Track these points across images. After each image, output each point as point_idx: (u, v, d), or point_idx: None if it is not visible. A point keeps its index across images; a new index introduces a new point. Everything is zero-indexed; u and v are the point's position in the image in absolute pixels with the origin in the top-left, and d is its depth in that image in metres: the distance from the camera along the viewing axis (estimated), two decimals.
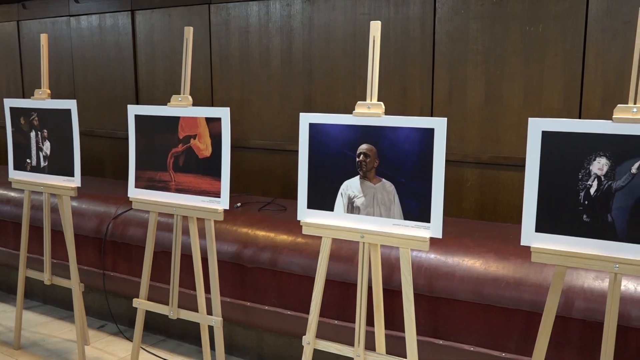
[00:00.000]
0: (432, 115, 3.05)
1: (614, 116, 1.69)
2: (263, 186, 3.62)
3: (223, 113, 2.35)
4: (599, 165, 1.72)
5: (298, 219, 2.16)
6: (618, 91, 2.66)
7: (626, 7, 2.62)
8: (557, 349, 2.07)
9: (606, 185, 1.71)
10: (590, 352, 2.03)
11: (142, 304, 2.60)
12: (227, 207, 2.36)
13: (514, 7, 2.84)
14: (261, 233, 2.68)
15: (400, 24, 3.10)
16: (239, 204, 3.08)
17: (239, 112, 3.64)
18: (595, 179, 1.72)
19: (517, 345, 2.14)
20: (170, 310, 2.56)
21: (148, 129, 2.54)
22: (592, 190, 1.73)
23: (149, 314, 2.78)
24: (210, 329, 2.53)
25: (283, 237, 2.61)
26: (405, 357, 1.98)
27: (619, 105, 1.70)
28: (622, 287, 1.99)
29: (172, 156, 2.49)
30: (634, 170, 1.67)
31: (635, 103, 1.68)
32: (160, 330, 3.16)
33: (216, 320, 2.44)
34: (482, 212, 3.00)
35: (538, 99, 2.84)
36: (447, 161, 1.96)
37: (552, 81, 2.81)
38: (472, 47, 2.95)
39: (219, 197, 2.36)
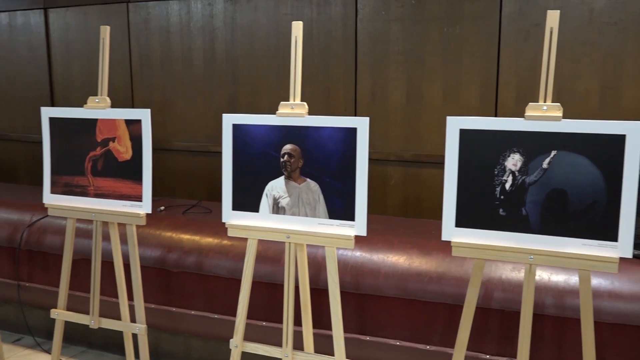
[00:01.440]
0: (355, 115, 3.09)
1: (525, 114, 1.77)
2: (188, 189, 3.56)
3: (143, 115, 2.28)
4: (513, 161, 1.79)
5: (223, 220, 2.13)
6: (530, 90, 2.79)
7: (536, 9, 2.75)
8: (478, 339, 2.14)
9: (520, 180, 1.78)
10: (509, 340, 2.11)
11: (60, 315, 2.50)
12: (150, 211, 2.30)
13: (432, 9, 2.92)
14: (186, 236, 2.63)
15: (323, 24, 3.12)
16: (162, 208, 3.01)
17: (161, 113, 3.56)
18: (510, 175, 1.79)
19: (441, 337, 2.20)
20: (91, 320, 2.47)
21: (64, 132, 2.44)
22: (508, 185, 1.80)
23: (68, 325, 2.67)
24: (135, 336, 2.46)
25: (208, 240, 2.57)
26: (333, 355, 1.99)
27: (530, 103, 1.77)
28: (537, 277, 2.08)
29: (90, 160, 2.40)
30: (545, 165, 1.75)
31: (545, 101, 1.76)
32: (81, 341, 3.04)
33: (140, 327, 2.38)
34: (406, 209, 3.07)
35: (456, 97, 2.93)
36: (371, 160, 2.00)
37: (469, 80, 2.90)
38: (393, 48, 3.01)
39: (141, 201, 2.30)
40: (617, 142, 1.67)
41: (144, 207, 2.30)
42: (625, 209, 1.68)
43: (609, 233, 1.71)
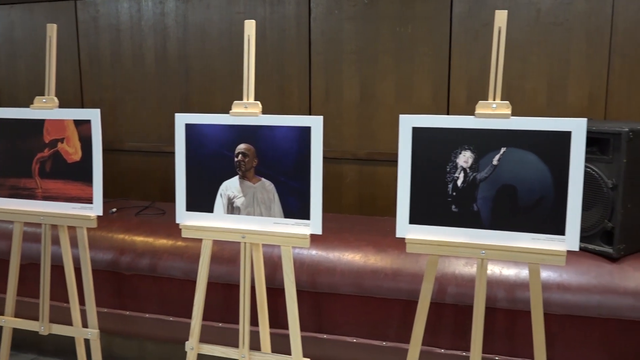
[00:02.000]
0: (310, 114, 3.10)
1: (476, 112, 1.80)
2: (141, 190, 3.50)
3: (93, 115, 2.23)
4: (465, 158, 1.82)
5: (177, 222, 2.11)
6: (481, 88, 2.85)
7: (485, 9, 2.81)
8: (433, 333, 2.18)
9: (471, 177, 1.82)
10: (463, 334, 2.15)
11: (8, 322, 2.42)
12: (101, 214, 2.25)
13: (385, 8, 2.95)
14: (139, 238, 2.58)
15: (277, 23, 3.11)
16: (114, 210, 2.95)
17: (112, 113, 3.48)
18: (462, 171, 1.83)
19: (397, 333, 2.23)
20: (41, 326, 2.39)
21: (9, 133, 2.36)
22: (459, 182, 1.83)
23: (17, 332, 2.58)
24: (87, 342, 2.40)
25: (162, 242, 2.53)
26: (290, 354, 1.99)
27: (480, 101, 1.81)
28: (489, 272, 2.12)
29: (37, 162, 2.33)
30: (495, 162, 1.79)
31: (494, 99, 1.80)
32: (30, 348, 2.94)
33: (92, 332, 2.32)
34: (361, 207, 3.09)
35: (409, 96, 2.97)
36: (326, 158, 2.00)
37: (421, 79, 2.94)
38: (347, 47, 3.03)
39: (92, 203, 2.24)
40: (563, 139, 1.72)
41: (95, 209, 2.25)
42: (572, 203, 1.73)
43: (557, 227, 1.76)
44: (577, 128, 1.71)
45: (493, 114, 1.78)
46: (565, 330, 2.09)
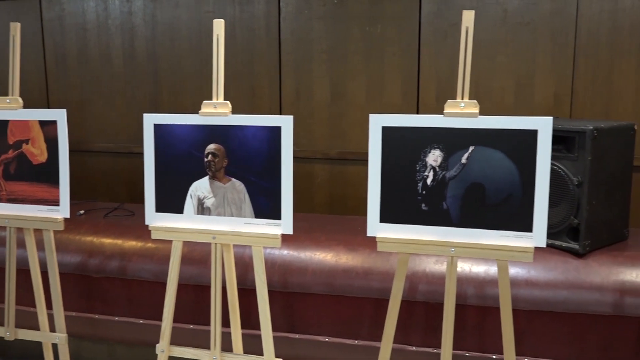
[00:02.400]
0: (280, 114, 3.09)
1: (444, 111, 1.82)
2: (109, 191, 3.45)
3: (59, 115, 2.19)
4: (434, 157, 1.84)
5: (146, 223, 2.08)
6: (450, 87, 2.87)
7: (453, 9, 2.84)
8: (405, 331, 2.19)
9: (441, 176, 1.83)
10: (434, 331, 2.17)
11: None
12: (68, 216, 2.21)
13: (354, 8, 2.96)
14: (108, 240, 2.55)
15: (246, 22, 3.09)
16: (81, 212, 2.90)
17: (79, 114, 3.42)
18: (431, 170, 1.84)
19: (369, 331, 2.24)
20: (7, 331, 2.34)
21: None
22: (429, 181, 1.85)
23: None
24: (55, 346, 2.36)
25: (132, 244, 2.50)
26: (263, 355, 1.98)
27: (448, 100, 1.82)
28: (459, 269, 2.15)
29: (1, 163, 2.28)
30: (463, 160, 1.81)
31: (462, 98, 1.82)
32: None
33: (60, 337, 2.28)
34: (332, 206, 3.10)
35: (379, 95, 2.98)
36: (297, 158, 2.00)
37: (391, 78, 2.96)
38: (317, 46, 3.03)
39: (58, 205, 2.21)
40: (530, 137, 1.75)
41: (62, 211, 2.21)
42: (539, 200, 1.76)
43: (525, 224, 1.78)
44: (543, 126, 1.74)
45: (461, 113, 1.80)
46: (533, 326, 2.13)
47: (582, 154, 2.15)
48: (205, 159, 2.01)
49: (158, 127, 2.05)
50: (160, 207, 2.07)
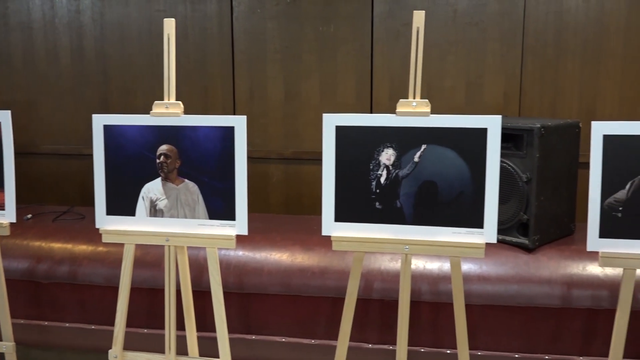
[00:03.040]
0: (234, 114, 3.07)
1: (397, 110, 1.84)
2: (59, 195, 3.36)
3: (3, 117, 2.12)
4: (387, 156, 1.85)
5: (97, 226, 2.03)
6: (403, 86, 2.91)
7: (405, 10, 2.87)
8: (361, 329, 2.21)
9: (394, 174, 1.85)
10: (389, 328, 2.19)
11: None
12: (14, 220, 2.14)
13: (307, 8, 2.96)
14: (57, 245, 2.48)
15: (198, 21, 3.06)
16: (29, 216, 2.82)
17: (26, 115, 3.32)
18: (385, 169, 1.86)
19: (325, 330, 2.24)
20: None
21: None
22: (383, 179, 1.86)
23: None
24: (2, 356, 2.28)
25: (82, 248, 2.44)
26: (219, 357, 1.96)
27: (400, 100, 1.84)
28: (413, 266, 2.17)
29: None
30: (416, 159, 1.83)
31: (414, 98, 1.84)
32: None
33: (7, 345, 2.21)
34: (288, 206, 3.09)
35: (333, 95, 3.00)
36: (251, 158, 1.99)
37: (345, 78, 2.98)
38: (270, 46, 3.02)
39: (4, 209, 2.13)
40: (480, 135, 1.78)
41: (7, 216, 2.14)
42: (489, 197, 1.79)
43: (476, 221, 1.82)
44: (492, 125, 1.77)
45: (413, 112, 1.82)
46: (486, 320, 2.17)
47: (531, 152, 2.21)
48: (158, 160, 1.98)
49: (108, 128, 2.00)
50: (112, 210, 2.03)
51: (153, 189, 1.99)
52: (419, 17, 1.82)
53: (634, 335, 2.02)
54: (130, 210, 2.01)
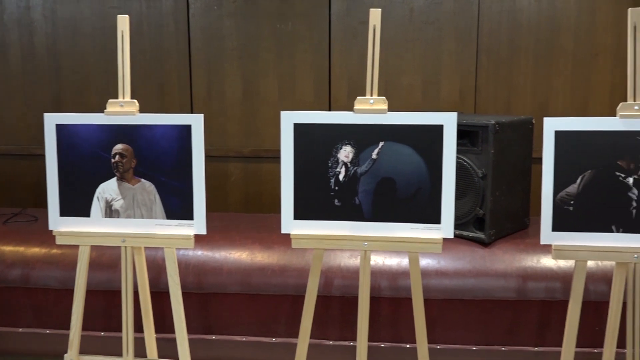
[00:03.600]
0: (192, 112, 3.04)
1: (354, 107, 1.85)
2: (10, 196, 3.26)
3: None
4: (345, 153, 1.86)
5: (50, 228, 1.98)
6: (361, 84, 2.92)
7: (362, 8, 2.89)
8: (321, 326, 2.21)
9: (352, 171, 1.86)
10: (350, 324, 2.20)
11: None
12: None
13: (264, 5, 2.95)
14: (8, 248, 2.41)
15: (154, 18, 3.01)
16: None
17: None
18: (343, 166, 1.87)
19: (286, 328, 2.24)
20: None
21: None
22: (341, 177, 1.87)
23: None
24: None
25: (35, 250, 2.38)
26: (178, 359, 1.94)
27: (358, 97, 1.85)
28: (372, 262, 2.19)
29: None
30: (374, 155, 1.85)
31: (372, 95, 1.85)
32: None
33: None
34: (247, 205, 3.08)
35: (292, 92, 2.99)
36: (210, 157, 1.97)
37: (303, 76, 2.98)
38: (228, 44, 3.00)
39: None
40: (436, 132, 1.81)
41: None
42: (446, 193, 1.82)
43: (433, 216, 1.84)
44: (448, 122, 1.80)
45: (370, 110, 1.84)
46: (444, 314, 2.21)
47: (486, 148, 2.25)
48: (113, 160, 1.94)
49: (60, 128, 1.96)
50: (65, 211, 1.98)
51: (108, 189, 1.96)
52: (375, 15, 1.83)
53: (586, 325, 2.08)
54: (84, 211, 1.97)
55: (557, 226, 1.80)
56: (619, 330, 1.81)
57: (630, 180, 1.76)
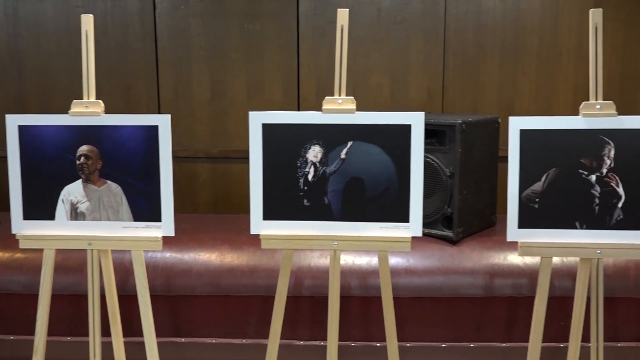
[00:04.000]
0: (159, 112, 3.00)
1: (323, 107, 1.85)
2: None
3: None
4: (314, 153, 1.86)
5: (13, 232, 1.94)
6: (330, 84, 2.91)
7: (330, 8, 2.89)
8: (292, 326, 2.21)
9: (321, 171, 1.86)
10: (320, 324, 2.20)
11: None
12: None
13: (232, 5, 2.93)
14: None
15: (119, 18, 2.97)
16: None
17: None
18: (312, 166, 1.87)
19: (256, 329, 2.24)
20: None
21: None
22: (310, 177, 1.87)
23: None
24: None
25: None
26: None
27: (326, 97, 1.86)
28: (342, 262, 2.20)
29: None
30: (343, 155, 1.85)
31: (340, 95, 1.86)
32: None
33: None
34: (216, 206, 3.06)
35: (260, 93, 2.98)
36: (178, 157, 1.95)
37: (272, 76, 2.97)
38: (195, 43, 2.97)
39: None
40: (404, 131, 1.82)
41: None
42: (414, 192, 1.84)
43: (402, 215, 1.85)
44: (415, 121, 1.82)
45: (339, 109, 1.84)
46: (414, 312, 2.22)
47: (453, 147, 2.28)
48: (78, 162, 1.91)
49: (23, 129, 1.91)
50: (29, 214, 1.94)
51: (73, 192, 1.92)
52: (342, 15, 1.84)
53: (552, 320, 2.12)
54: (49, 214, 1.93)
55: (523, 223, 1.83)
56: (584, 325, 1.85)
57: (593, 177, 1.80)
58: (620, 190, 1.80)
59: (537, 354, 1.85)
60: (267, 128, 1.86)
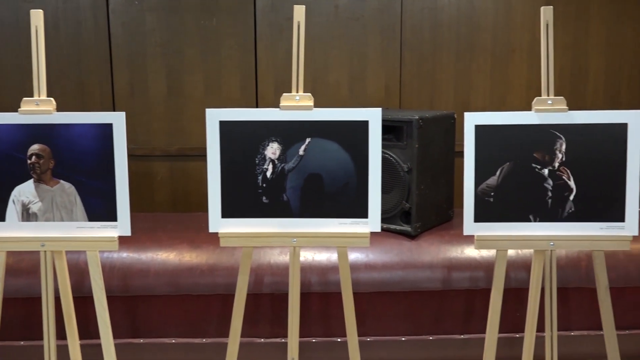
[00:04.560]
0: (114, 110, 2.95)
1: (280, 104, 1.84)
2: None
3: None
4: (272, 150, 1.86)
5: None
6: (288, 81, 2.91)
7: (287, 4, 2.89)
8: (252, 324, 2.20)
9: (280, 168, 1.86)
10: (281, 321, 2.20)
11: None
12: None
13: (188, 0, 2.89)
14: None
15: (71, 13, 2.90)
16: None
17: None
18: (270, 163, 1.86)
19: (217, 328, 2.22)
20: None
21: None
22: (269, 174, 1.86)
23: None
24: None
25: None
26: None
27: (284, 94, 1.85)
28: (302, 258, 2.20)
29: None
30: (301, 152, 1.85)
31: (297, 91, 1.86)
32: None
33: None
34: (175, 204, 3.02)
35: (218, 89, 2.96)
36: (134, 156, 1.92)
37: (229, 72, 2.95)
38: (151, 39, 2.93)
39: None
40: (362, 128, 1.83)
41: None
42: (372, 187, 1.85)
43: (361, 211, 1.87)
44: (373, 117, 1.83)
45: (297, 106, 1.84)
46: (374, 307, 2.24)
47: (410, 142, 2.30)
48: (29, 161, 1.86)
49: None
50: None
51: (25, 192, 1.87)
52: (299, 12, 1.83)
53: (508, 311, 2.16)
54: None
55: (479, 217, 1.86)
56: (538, 315, 1.90)
57: (546, 171, 1.84)
58: (572, 183, 1.85)
59: (494, 345, 1.89)
60: (224, 125, 1.84)
